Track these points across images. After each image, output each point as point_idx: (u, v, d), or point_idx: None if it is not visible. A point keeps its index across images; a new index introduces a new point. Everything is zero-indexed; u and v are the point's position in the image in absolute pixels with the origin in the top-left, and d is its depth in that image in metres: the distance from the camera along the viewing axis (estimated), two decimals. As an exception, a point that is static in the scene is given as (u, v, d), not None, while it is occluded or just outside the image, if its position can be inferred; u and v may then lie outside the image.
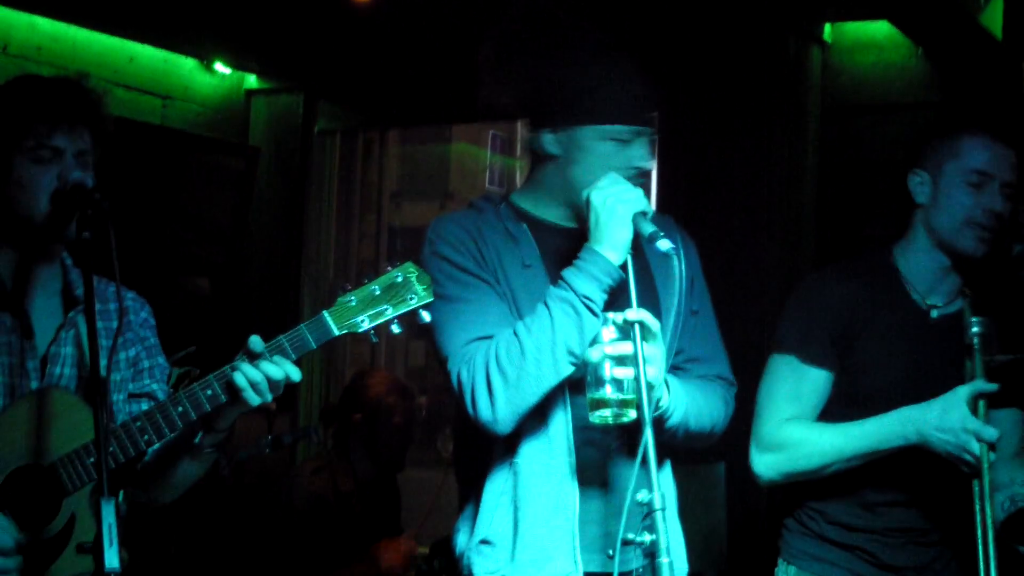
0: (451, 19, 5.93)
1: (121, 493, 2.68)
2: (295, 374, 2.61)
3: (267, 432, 5.42)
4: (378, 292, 2.62)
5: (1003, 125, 3.21)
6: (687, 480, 4.79)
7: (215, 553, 5.29)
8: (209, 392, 2.58)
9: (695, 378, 2.93)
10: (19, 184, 2.60)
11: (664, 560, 2.44)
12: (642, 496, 2.47)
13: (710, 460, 5.09)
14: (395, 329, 2.64)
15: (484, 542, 2.77)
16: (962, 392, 2.99)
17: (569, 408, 2.76)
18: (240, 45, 6.77)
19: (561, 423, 2.76)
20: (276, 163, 7.28)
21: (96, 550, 2.22)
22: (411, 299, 2.62)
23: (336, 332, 2.62)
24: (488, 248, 2.78)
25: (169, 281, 6.73)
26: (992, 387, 2.98)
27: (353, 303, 2.62)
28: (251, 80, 7.30)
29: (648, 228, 2.62)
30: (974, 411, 2.98)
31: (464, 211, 2.91)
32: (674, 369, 2.90)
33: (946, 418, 2.98)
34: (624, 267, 2.66)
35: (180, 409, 2.59)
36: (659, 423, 2.72)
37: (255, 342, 2.59)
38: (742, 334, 5.85)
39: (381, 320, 2.63)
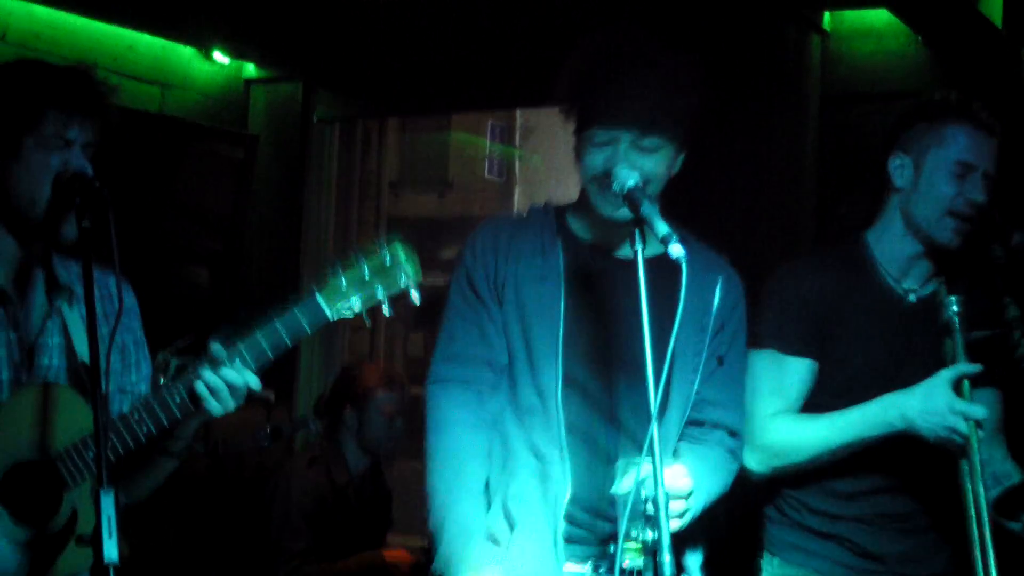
0: (451, 8, 5.92)
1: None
2: (255, 384, 2.60)
3: (266, 424, 5.42)
4: (368, 275, 2.60)
5: (988, 113, 3.19)
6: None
7: (214, 544, 5.29)
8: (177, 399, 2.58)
9: (699, 436, 2.96)
10: (27, 170, 2.60)
11: (666, 559, 2.43)
12: (646, 493, 2.47)
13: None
14: (386, 311, 2.62)
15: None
16: (945, 375, 2.99)
17: (560, 410, 2.80)
18: (239, 33, 6.75)
19: (557, 430, 2.80)
20: (275, 152, 7.26)
21: (95, 542, 2.21)
22: (401, 279, 2.61)
23: (330, 316, 2.61)
24: (509, 261, 2.83)
25: (167, 270, 6.72)
26: (975, 368, 2.99)
27: (343, 285, 2.60)
28: (250, 69, 7.29)
29: (663, 228, 2.55)
30: (958, 392, 2.97)
31: (514, 216, 2.99)
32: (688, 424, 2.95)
33: (931, 401, 2.98)
34: (633, 266, 2.58)
35: (178, 399, 2.58)
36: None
37: (217, 350, 2.57)
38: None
39: (372, 303, 2.61)
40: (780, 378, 3.19)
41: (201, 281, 6.95)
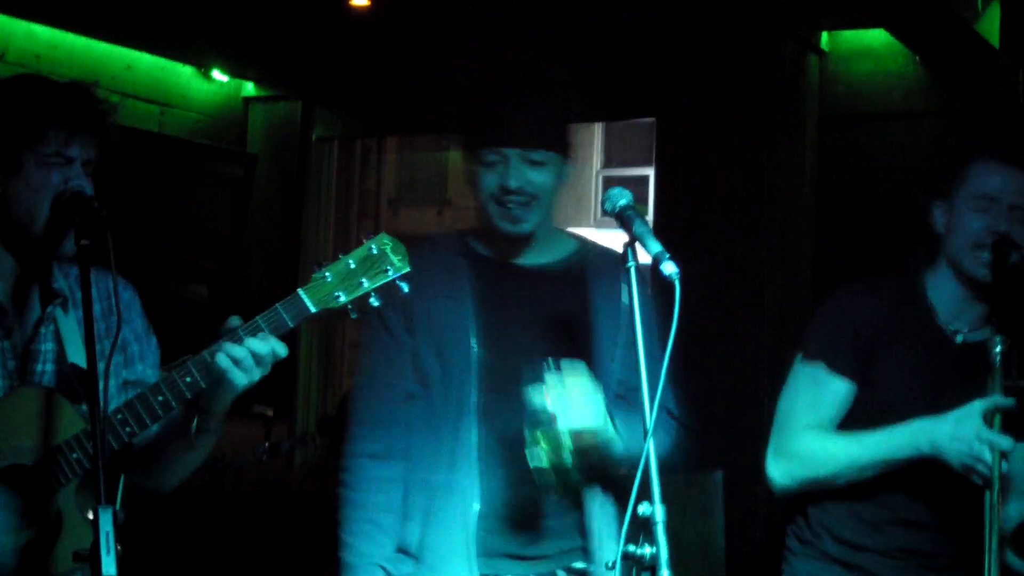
0: (448, 27, 5.94)
1: (120, 490, 2.66)
2: (281, 349, 2.55)
3: (265, 439, 5.42)
4: (353, 265, 2.56)
5: (1013, 146, 3.22)
6: (685, 488, 4.80)
7: (212, 559, 5.28)
8: (188, 379, 2.54)
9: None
10: (27, 186, 2.60)
11: (664, 574, 2.43)
12: (643, 509, 2.46)
13: (708, 469, 5.08)
14: (373, 302, 2.57)
15: (400, 551, 2.92)
16: (978, 405, 2.99)
17: (475, 427, 2.88)
18: (238, 53, 6.77)
19: (467, 441, 2.88)
20: (274, 170, 7.28)
21: (93, 559, 2.20)
22: (387, 270, 2.56)
23: (313, 309, 2.56)
24: (418, 287, 2.85)
25: (166, 288, 6.74)
26: (1009, 402, 2.97)
27: (329, 278, 2.56)
28: (249, 87, 7.31)
29: (655, 246, 2.56)
30: (990, 424, 2.97)
31: (422, 248, 3.03)
32: (617, 398, 2.95)
33: (960, 428, 2.97)
34: (626, 278, 2.61)
35: (161, 398, 2.55)
36: (601, 457, 2.79)
37: (233, 320, 2.55)
38: (740, 340, 5.88)
39: (358, 293, 2.55)
40: (820, 394, 3.21)
41: (200, 298, 6.96)
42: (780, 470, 3.22)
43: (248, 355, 2.52)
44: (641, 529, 2.46)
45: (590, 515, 2.91)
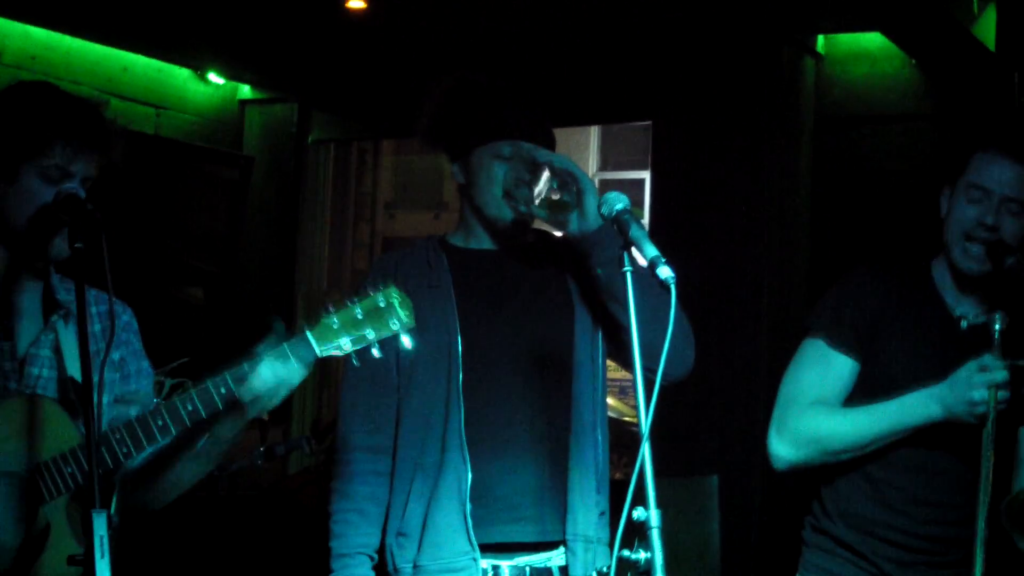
0: (445, 30, 5.94)
1: (114, 504, 2.65)
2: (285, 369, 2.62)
3: (260, 443, 5.41)
4: (360, 316, 2.62)
5: (1016, 139, 3.22)
6: (681, 492, 4.80)
7: (209, 566, 5.27)
8: (190, 407, 2.57)
9: None
10: (22, 194, 2.60)
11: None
12: (638, 514, 2.47)
13: (704, 473, 5.09)
14: (376, 353, 2.64)
15: (400, 534, 3.00)
16: (972, 362, 3.02)
17: (461, 406, 2.95)
18: (234, 55, 6.77)
19: (455, 419, 2.95)
20: (270, 173, 7.28)
21: (87, 563, 2.20)
22: (393, 324, 2.63)
23: (318, 354, 2.62)
24: (399, 283, 2.91)
25: (162, 291, 6.73)
26: (1000, 362, 3.00)
27: (335, 325, 2.62)
28: (245, 90, 7.30)
29: (651, 250, 2.56)
30: (992, 398, 3.00)
31: (402, 251, 3.17)
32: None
33: (956, 376, 3.02)
34: (619, 278, 2.61)
35: (160, 423, 2.56)
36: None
37: (244, 368, 2.58)
38: (736, 343, 5.88)
39: (362, 344, 2.63)
40: (825, 371, 3.23)
41: (196, 301, 6.95)
42: (785, 447, 3.22)
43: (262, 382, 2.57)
44: (636, 534, 2.46)
45: (571, 489, 2.97)
